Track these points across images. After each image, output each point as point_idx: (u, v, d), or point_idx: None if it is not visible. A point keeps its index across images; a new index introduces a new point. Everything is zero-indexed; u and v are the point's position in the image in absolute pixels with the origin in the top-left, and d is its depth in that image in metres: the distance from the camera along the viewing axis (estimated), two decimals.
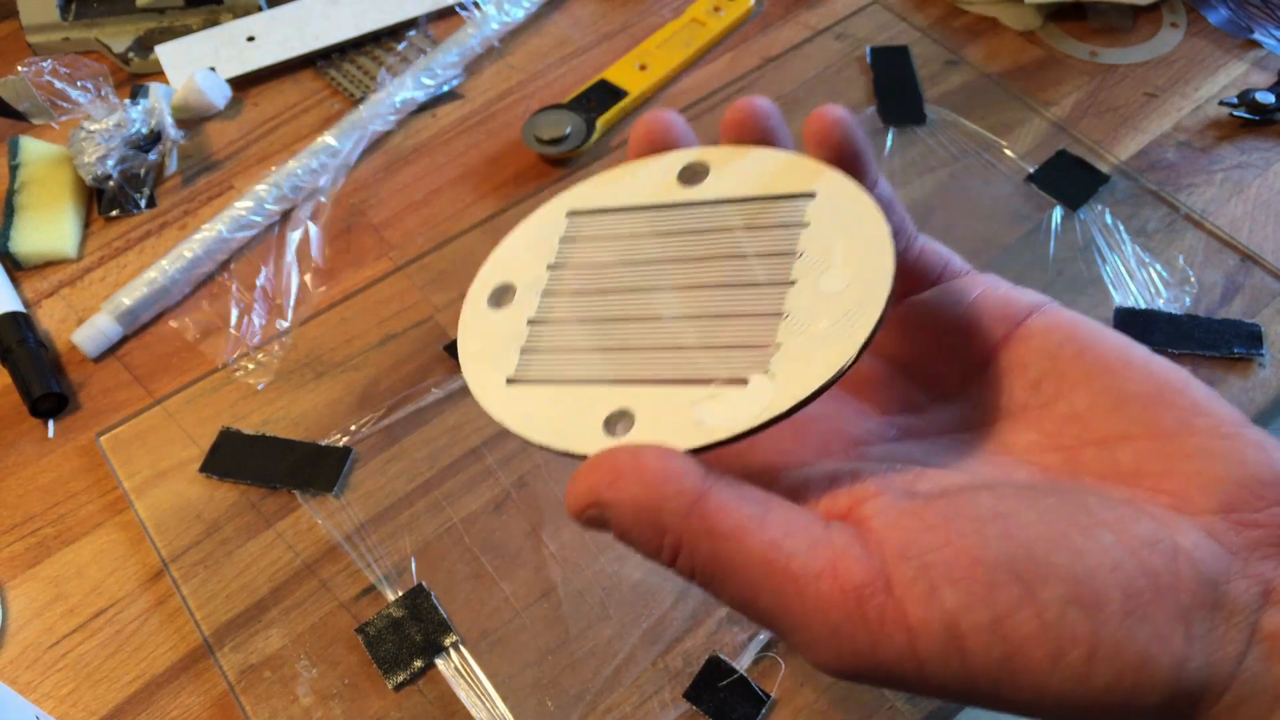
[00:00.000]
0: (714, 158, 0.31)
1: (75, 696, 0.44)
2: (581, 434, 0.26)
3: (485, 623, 0.45)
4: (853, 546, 0.23)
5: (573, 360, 0.28)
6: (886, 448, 0.27)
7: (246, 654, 0.44)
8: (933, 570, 0.22)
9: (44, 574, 0.47)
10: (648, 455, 0.24)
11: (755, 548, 0.23)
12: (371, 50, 0.68)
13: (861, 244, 0.27)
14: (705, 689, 0.42)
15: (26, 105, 0.61)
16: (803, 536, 0.23)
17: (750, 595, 0.23)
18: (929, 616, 0.21)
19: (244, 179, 0.62)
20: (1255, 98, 0.61)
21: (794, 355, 0.26)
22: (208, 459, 0.50)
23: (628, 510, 0.23)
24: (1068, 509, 0.23)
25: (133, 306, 0.55)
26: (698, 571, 0.23)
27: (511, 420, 0.28)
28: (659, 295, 0.29)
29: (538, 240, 0.32)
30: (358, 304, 0.56)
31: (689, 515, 0.23)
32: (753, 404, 0.25)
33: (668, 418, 0.26)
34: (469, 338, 0.31)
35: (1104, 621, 0.21)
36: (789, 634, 0.23)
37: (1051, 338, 0.27)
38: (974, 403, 0.28)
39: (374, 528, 0.48)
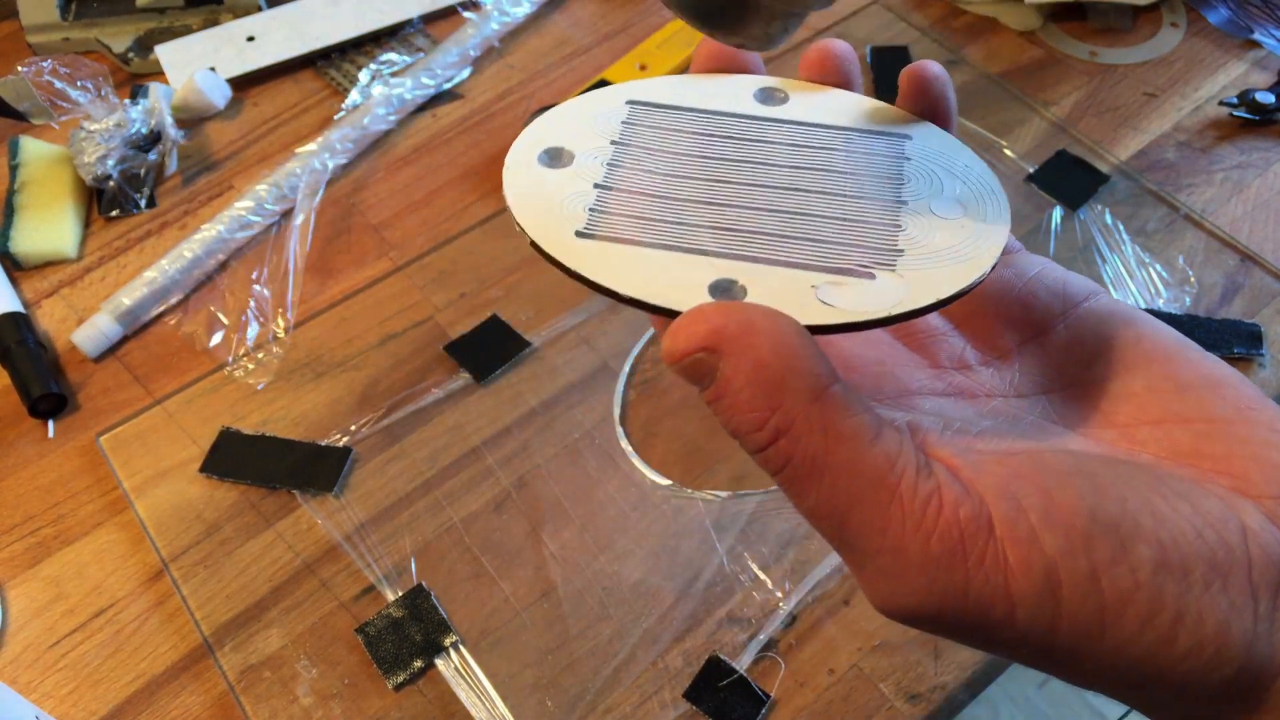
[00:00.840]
0: (793, 87, 0.30)
1: (75, 696, 0.44)
2: (683, 294, 0.24)
3: (485, 623, 0.45)
4: (954, 481, 0.22)
5: (657, 229, 0.26)
6: (937, 402, 0.27)
7: (246, 654, 0.44)
8: (1032, 514, 0.21)
9: (44, 574, 0.47)
10: (786, 322, 0.22)
11: (870, 458, 0.21)
12: (371, 50, 0.68)
13: (970, 182, 0.27)
14: (705, 689, 0.42)
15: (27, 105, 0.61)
16: (912, 459, 0.22)
17: (847, 506, 0.22)
18: (1030, 560, 0.21)
19: (244, 179, 0.62)
20: (1255, 98, 0.61)
21: (920, 263, 0.25)
22: (208, 459, 0.50)
23: (747, 369, 0.21)
24: (1145, 477, 0.22)
25: (133, 306, 0.55)
26: (795, 464, 0.22)
27: (588, 269, 0.25)
28: (752, 190, 0.27)
29: (595, 116, 0.29)
30: (358, 304, 0.56)
31: (812, 402, 0.22)
32: (887, 295, 0.24)
33: (788, 294, 0.24)
34: (519, 188, 0.27)
35: (1189, 588, 0.21)
36: (876, 555, 0.22)
37: (1110, 321, 0.26)
38: (1025, 372, 0.28)
39: (374, 528, 0.48)
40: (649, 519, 0.47)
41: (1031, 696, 1.12)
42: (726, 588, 0.45)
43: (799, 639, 0.44)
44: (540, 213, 0.27)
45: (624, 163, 0.28)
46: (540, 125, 0.29)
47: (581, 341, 0.53)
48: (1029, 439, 0.25)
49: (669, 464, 0.49)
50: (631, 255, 0.25)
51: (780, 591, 0.45)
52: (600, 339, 0.53)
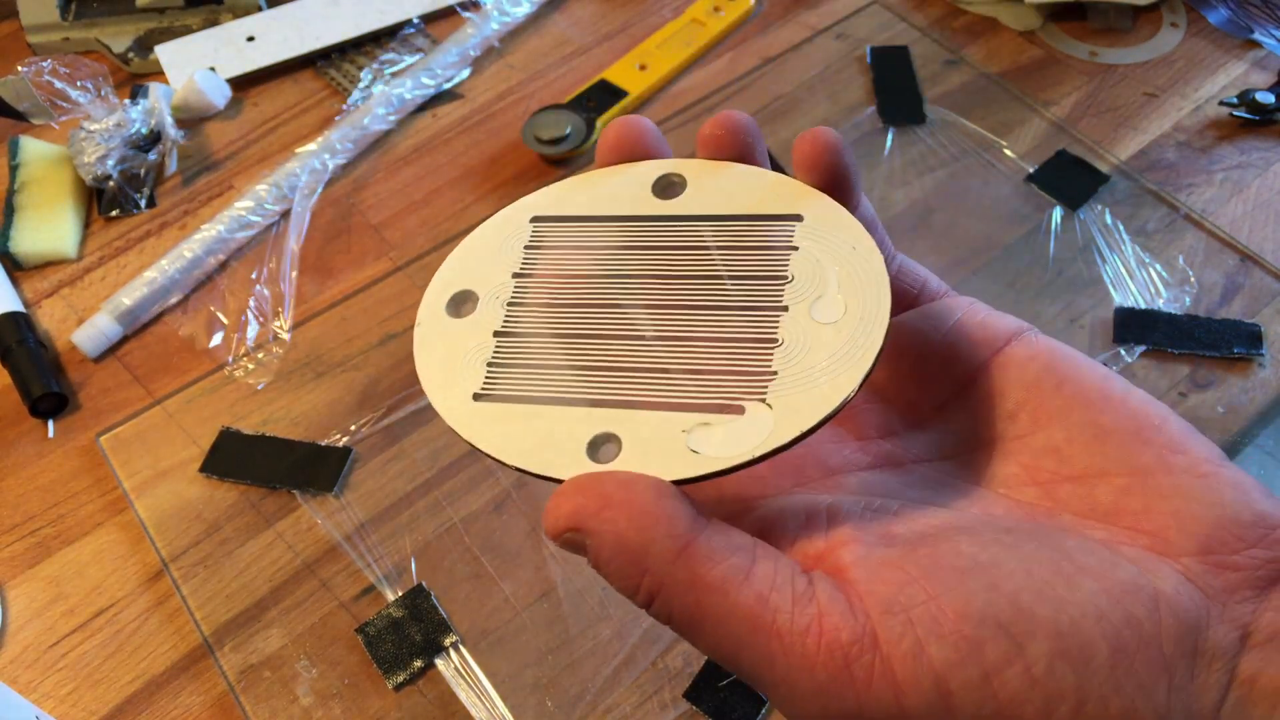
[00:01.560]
0: (691, 171, 0.29)
1: (75, 696, 0.44)
2: (563, 458, 0.25)
3: (485, 623, 0.45)
4: (837, 601, 0.22)
5: (547, 377, 0.26)
6: (862, 478, 0.27)
7: (246, 654, 0.44)
8: (918, 626, 0.21)
9: (44, 574, 0.47)
10: (640, 488, 0.23)
11: (741, 603, 0.22)
12: (371, 50, 0.68)
13: (856, 272, 0.26)
14: (705, 689, 0.42)
15: (26, 105, 0.61)
16: (787, 590, 0.22)
17: (732, 650, 0.22)
18: (917, 674, 0.21)
19: (244, 179, 0.62)
20: (1255, 98, 0.61)
21: (792, 384, 0.24)
22: (208, 459, 0.50)
23: (609, 543, 0.22)
24: (1049, 555, 0.22)
25: (132, 306, 0.55)
26: (675, 619, 0.22)
27: (483, 440, 0.25)
28: (637, 313, 0.27)
29: (499, 246, 0.30)
30: (357, 304, 0.56)
31: (675, 562, 0.22)
32: (751, 434, 0.24)
33: (658, 444, 0.24)
34: (427, 347, 0.28)
35: (1091, 675, 0.21)
36: (771, 689, 0.22)
37: (1030, 367, 0.26)
38: (951, 431, 0.27)
39: (374, 528, 0.48)
40: None
41: None
42: None
43: None
44: (444, 376, 0.27)
45: (523, 300, 0.28)
46: (449, 266, 0.30)
47: None
48: (948, 511, 0.25)
49: None
50: (521, 416, 0.26)
51: None
52: None
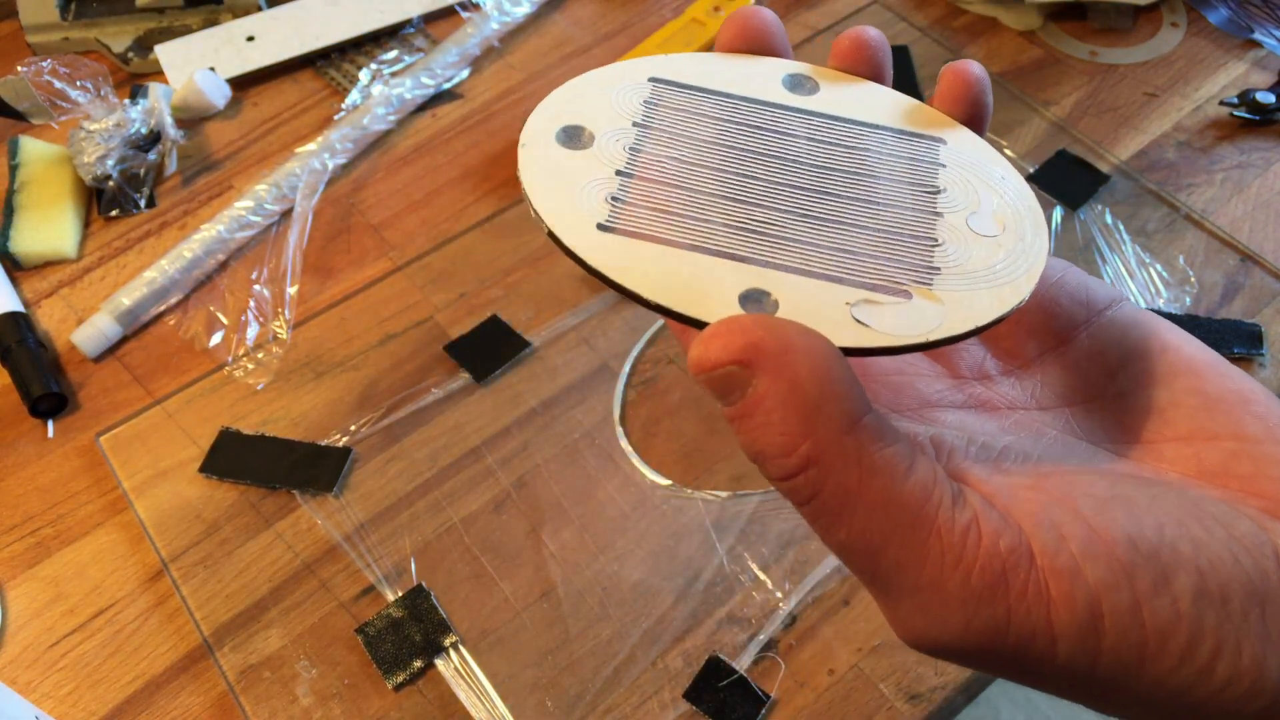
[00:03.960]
0: (823, 76, 0.28)
1: (75, 696, 0.44)
2: (713, 303, 0.23)
3: (485, 623, 0.45)
4: (990, 509, 0.21)
5: (684, 225, 0.24)
6: (958, 415, 0.26)
7: (246, 654, 0.44)
8: (1073, 544, 0.20)
9: (44, 574, 0.47)
10: (822, 343, 0.21)
11: (906, 491, 0.20)
12: (371, 50, 0.68)
13: (1007, 197, 0.26)
14: (705, 689, 0.42)
15: (26, 105, 0.61)
16: (947, 489, 0.21)
17: (881, 542, 0.20)
18: (1073, 593, 0.20)
19: (243, 179, 0.62)
20: (1255, 98, 0.61)
21: (958, 283, 0.24)
22: (207, 459, 0.50)
23: (782, 389, 0.20)
24: (1176, 499, 0.22)
25: (132, 306, 0.55)
26: (825, 496, 0.21)
27: (611, 268, 0.23)
28: (781, 189, 0.26)
29: (614, 93, 0.28)
30: (357, 304, 0.56)
31: (847, 432, 0.20)
32: (923, 318, 0.23)
33: (821, 310, 0.23)
34: (535, 170, 0.25)
35: (1228, 618, 0.20)
36: (913, 592, 0.21)
37: (1133, 332, 0.26)
38: (1047, 383, 0.27)
39: (374, 528, 0.48)
40: (649, 519, 0.47)
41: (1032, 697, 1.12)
42: (726, 588, 0.45)
43: (799, 639, 0.44)
44: (559, 200, 0.25)
45: (647, 148, 0.26)
46: (557, 99, 0.28)
47: (581, 341, 0.53)
48: (1055, 457, 0.24)
49: (669, 464, 0.49)
50: (656, 255, 0.24)
51: (780, 592, 0.45)
52: (600, 339, 0.53)
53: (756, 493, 0.48)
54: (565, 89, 0.28)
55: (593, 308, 0.54)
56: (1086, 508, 0.21)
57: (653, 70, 0.28)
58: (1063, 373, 0.26)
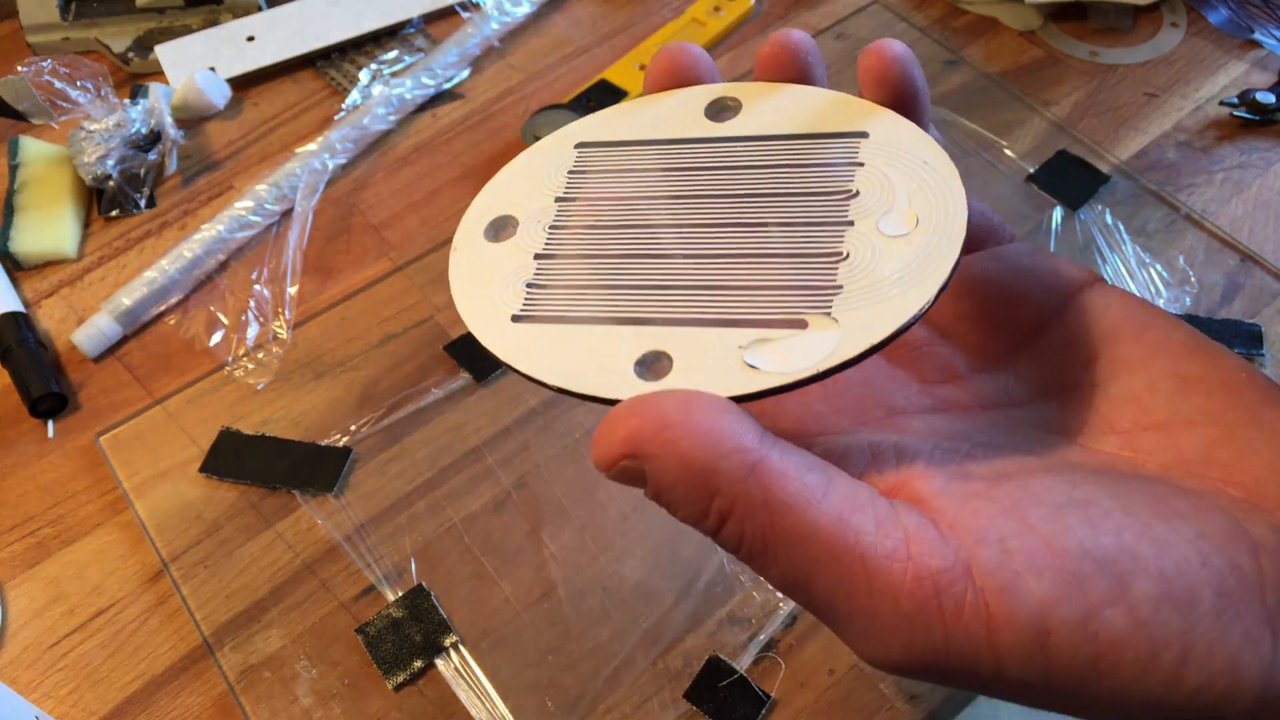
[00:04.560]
0: (746, 94, 0.28)
1: (75, 697, 0.44)
2: (609, 377, 0.23)
3: (485, 623, 0.45)
4: (925, 528, 0.20)
5: (591, 298, 0.25)
6: (927, 420, 0.25)
7: (246, 654, 0.44)
8: (1016, 558, 0.19)
9: (44, 574, 0.47)
10: (701, 405, 0.21)
11: (820, 522, 0.20)
12: (371, 50, 0.68)
13: (928, 185, 0.24)
14: (705, 689, 0.42)
15: (26, 105, 0.61)
16: (869, 512, 0.20)
17: (807, 575, 0.20)
18: (1015, 610, 0.19)
19: (244, 179, 0.62)
20: (1255, 98, 0.61)
21: (860, 299, 0.23)
22: (207, 459, 0.50)
23: (673, 466, 0.20)
24: (1143, 498, 0.21)
25: (132, 306, 0.55)
26: (747, 543, 0.21)
27: (520, 360, 0.24)
28: (688, 233, 0.26)
29: (541, 172, 0.28)
30: (358, 304, 0.56)
31: (746, 480, 0.20)
32: (816, 348, 0.22)
33: (713, 361, 0.23)
34: (463, 271, 0.27)
35: (1196, 621, 0.19)
36: (848, 620, 0.21)
37: (1107, 315, 0.24)
38: (1020, 377, 0.26)
39: (374, 528, 0.48)
40: (649, 519, 0.47)
41: None
42: (727, 588, 0.45)
43: (799, 639, 0.44)
44: (480, 298, 0.26)
45: (566, 224, 0.27)
46: (489, 193, 0.28)
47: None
48: (1025, 456, 0.23)
49: None
50: (564, 336, 0.24)
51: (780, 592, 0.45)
52: None
53: None
54: (498, 178, 0.29)
55: None
56: (1037, 517, 0.20)
57: (581, 134, 0.29)
58: (1036, 365, 0.26)
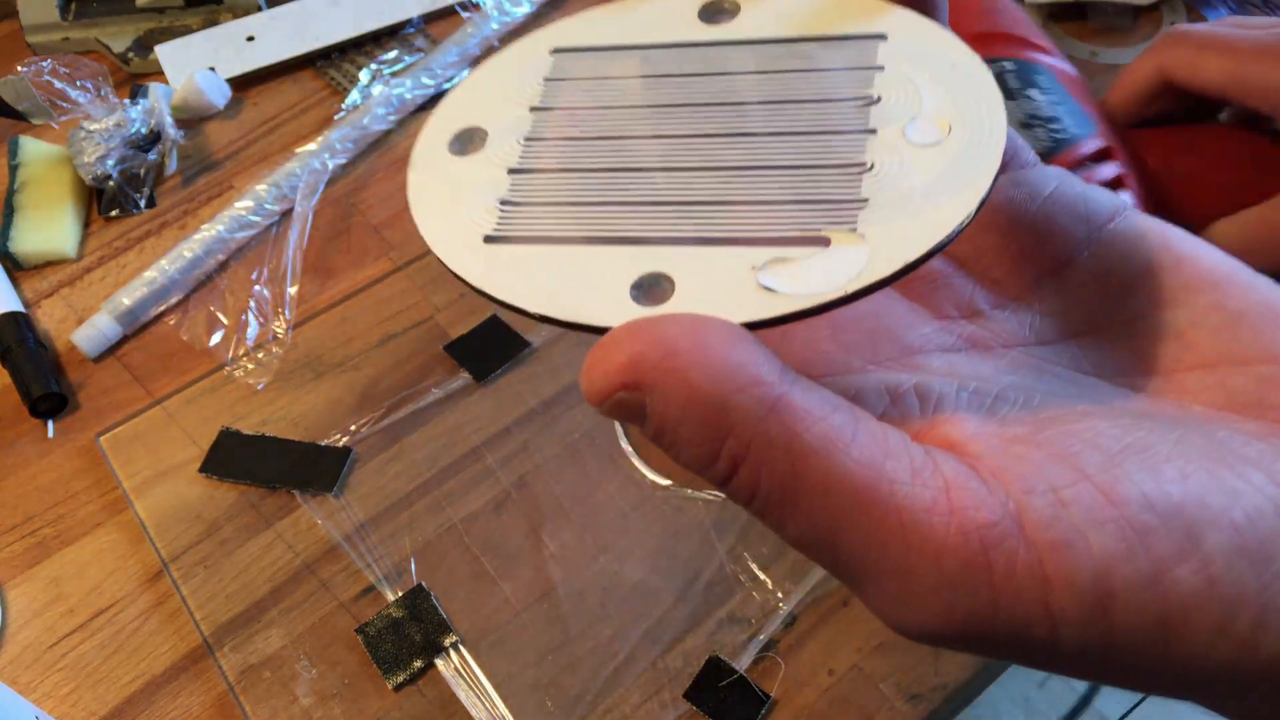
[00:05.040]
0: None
1: (75, 697, 0.44)
2: (601, 303, 0.20)
3: (485, 623, 0.45)
4: (967, 476, 0.18)
5: (577, 215, 0.22)
6: (947, 359, 0.23)
7: (246, 654, 0.44)
8: (1072, 509, 0.17)
9: (44, 574, 0.47)
10: (713, 330, 0.18)
11: (849, 469, 0.17)
12: (371, 50, 0.68)
13: (958, 89, 0.22)
14: (705, 689, 0.42)
15: (26, 105, 0.61)
16: (904, 458, 0.18)
17: (832, 531, 0.18)
18: (1074, 568, 0.17)
19: (244, 179, 0.62)
20: None
21: (888, 212, 0.20)
22: (207, 459, 0.50)
23: (679, 400, 0.18)
24: (1203, 441, 0.18)
25: (132, 306, 0.55)
26: (763, 491, 0.18)
27: (496, 285, 0.21)
28: (685, 143, 0.23)
29: (512, 80, 0.25)
30: (357, 304, 0.56)
31: (765, 419, 0.18)
32: (842, 267, 0.19)
33: (722, 284, 0.20)
34: (424, 190, 0.24)
35: (1273, 579, 0.17)
36: (878, 583, 0.18)
37: (1142, 245, 0.22)
38: (1047, 314, 0.23)
39: (374, 528, 0.48)
40: (649, 519, 0.47)
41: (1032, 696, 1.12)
42: (726, 588, 0.45)
43: (799, 639, 0.44)
44: (447, 219, 0.23)
45: (545, 134, 0.24)
46: (451, 103, 0.25)
47: (581, 341, 0.53)
48: (1060, 399, 0.21)
49: (669, 464, 0.49)
50: (547, 258, 0.21)
51: (780, 592, 0.45)
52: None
53: None
54: (462, 88, 0.25)
55: None
56: (1092, 463, 0.18)
57: (558, 38, 0.25)
58: (1064, 301, 0.23)
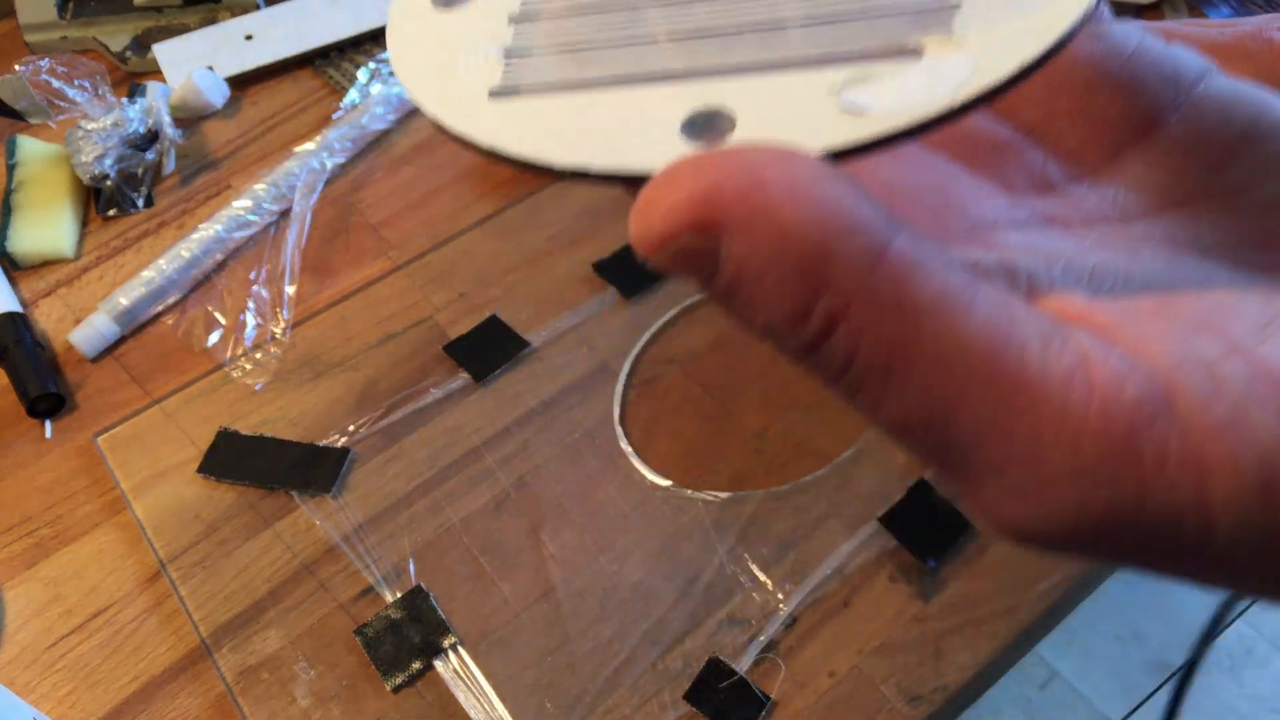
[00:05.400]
0: None
1: (73, 698, 0.44)
2: (647, 146, 0.17)
3: (484, 624, 0.44)
4: (1106, 348, 0.15)
5: (602, 58, 0.19)
6: (1024, 236, 0.20)
7: (245, 655, 0.44)
8: (1232, 385, 0.15)
9: (42, 575, 0.47)
10: (803, 161, 0.15)
11: (974, 332, 0.15)
12: (370, 49, 0.68)
13: None
14: (705, 690, 0.42)
15: (24, 104, 0.61)
16: (1032, 325, 0.15)
17: (947, 406, 0.15)
18: (1237, 453, 0.14)
19: (242, 178, 0.62)
20: None
21: (987, 12, 0.17)
22: (206, 459, 0.50)
23: (767, 241, 0.14)
24: None
25: (130, 306, 0.55)
26: (864, 359, 0.15)
27: (509, 141, 0.18)
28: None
29: None
30: (356, 304, 0.56)
31: (872, 270, 0.14)
32: (941, 78, 0.16)
33: (794, 111, 0.17)
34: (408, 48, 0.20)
35: None
36: (997, 471, 0.15)
37: (1237, 109, 0.20)
38: (1132, 187, 0.21)
39: (372, 528, 0.47)
40: (649, 519, 0.47)
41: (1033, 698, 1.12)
42: (726, 589, 0.45)
43: (799, 640, 0.44)
44: (441, 76, 0.20)
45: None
46: None
47: (581, 341, 0.53)
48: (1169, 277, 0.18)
49: (669, 464, 0.49)
50: (568, 106, 0.18)
51: (780, 593, 0.45)
52: (600, 339, 0.53)
53: (757, 493, 0.48)
54: None
55: (593, 308, 0.54)
56: (1242, 333, 0.15)
57: None
58: (1151, 171, 0.21)
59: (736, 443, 0.49)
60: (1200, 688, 1.12)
